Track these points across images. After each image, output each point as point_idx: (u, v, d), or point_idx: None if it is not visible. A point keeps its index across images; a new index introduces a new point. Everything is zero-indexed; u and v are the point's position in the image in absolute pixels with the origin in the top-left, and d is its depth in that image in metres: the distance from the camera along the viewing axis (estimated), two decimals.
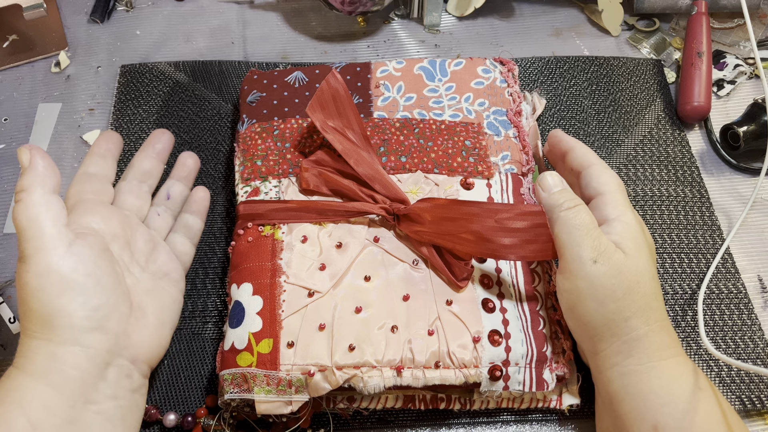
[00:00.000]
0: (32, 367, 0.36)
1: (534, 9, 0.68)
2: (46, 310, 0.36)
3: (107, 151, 0.46)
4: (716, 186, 0.56)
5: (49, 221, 0.38)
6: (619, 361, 0.38)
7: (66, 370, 0.36)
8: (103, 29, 0.64)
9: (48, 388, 0.35)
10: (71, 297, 0.37)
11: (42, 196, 0.38)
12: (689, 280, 0.51)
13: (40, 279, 0.36)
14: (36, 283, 0.36)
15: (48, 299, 0.37)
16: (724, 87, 0.62)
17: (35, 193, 0.38)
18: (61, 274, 0.37)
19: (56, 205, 0.38)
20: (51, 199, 0.38)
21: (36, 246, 0.37)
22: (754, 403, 0.45)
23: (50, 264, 0.37)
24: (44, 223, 0.37)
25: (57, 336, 0.36)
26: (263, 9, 0.67)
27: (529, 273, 0.45)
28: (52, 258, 0.37)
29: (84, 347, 0.37)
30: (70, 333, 0.37)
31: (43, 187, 0.38)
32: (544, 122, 0.59)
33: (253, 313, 0.41)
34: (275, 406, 0.39)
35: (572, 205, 0.40)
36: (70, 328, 0.37)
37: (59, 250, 0.37)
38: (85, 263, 0.38)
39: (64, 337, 0.37)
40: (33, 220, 0.37)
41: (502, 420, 0.44)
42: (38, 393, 0.35)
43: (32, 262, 0.37)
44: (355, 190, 0.45)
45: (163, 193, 0.49)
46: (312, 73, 0.53)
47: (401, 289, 0.42)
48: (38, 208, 0.38)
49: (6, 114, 0.58)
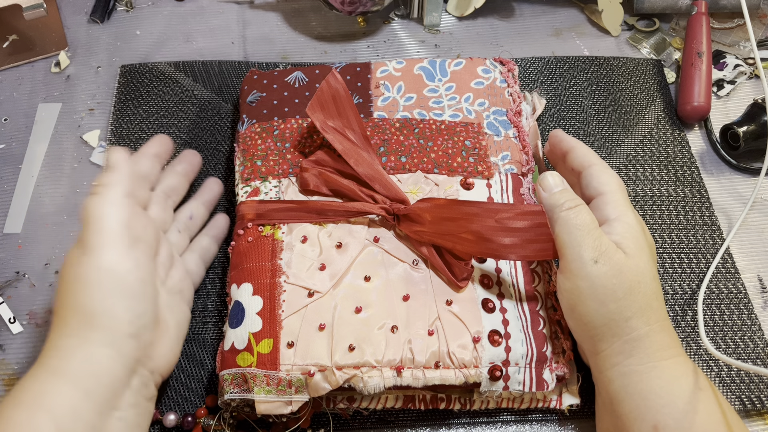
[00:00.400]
0: (65, 368, 0.35)
1: (534, 9, 0.68)
2: (94, 308, 0.36)
3: (158, 155, 0.47)
4: (716, 186, 0.56)
5: (119, 221, 0.39)
6: (620, 361, 0.38)
7: (100, 375, 0.36)
8: (103, 29, 0.64)
9: (79, 393, 0.35)
10: (121, 299, 0.37)
11: (120, 196, 0.39)
12: (689, 280, 0.51)
13: (99, 273, 0.37)
14: (93, 277, 0.37)
15: (100, 296, 0.37)
16: (724, 87, 0.62)
17: (114, 191, 0.39)
18: (119, 274, 0.37)
19: (128, 208, 0.40)
20: (125, 201, 0.40)
21: (101, 241, 0.38)
22: (754, 403, 0.45)
23: (111, 261, 0.37)
24: (114, 221, 0.38)
25: (97, 338, 0.36)
26: (263, 9, 0.67)
27: (529, 273, 0.45)
28: (114, 256, 0.38)
29: (120, 353, 0.37)
30: (111, 336, 0.37)
31: (122, 187, 0.40)
32: (544, 122, 0.59)
33: (253, 313, 0.41)
34: (275, 406, 0.39)
35: (573, 205, 0.40)
36: (112, 331, 0.37)
37: (121, 251, 0.38)
38: (140, 268, 0.39)
39: (105, 340, 0.36)
40: (105, 215, 0.38)
41: (502, 420, 0.44)
42: (68, 398, 0.34)
43: (95, 255, 0.37)
44: (355, 190, 0.45)
45: (186, 212, 0.48)
46: (312, 73, 0.53)
47: (401, 289, 0.42)
48: (113, 207, 0.39)
49: (6, 114, 0.58)
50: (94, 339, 0.36)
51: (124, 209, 0.39)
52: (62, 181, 0.55)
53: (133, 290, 0.38)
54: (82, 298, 0.37)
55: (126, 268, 0.38)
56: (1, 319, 0.48)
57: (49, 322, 0.48)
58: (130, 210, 0.40)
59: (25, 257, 0.51)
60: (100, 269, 0.37)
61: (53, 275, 0.50)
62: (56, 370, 0.35)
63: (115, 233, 0.38)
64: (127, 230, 0.39)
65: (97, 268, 0.37)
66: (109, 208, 0.39)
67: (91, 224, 0.38)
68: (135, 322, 0.38)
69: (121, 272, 0.38)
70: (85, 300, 0.37)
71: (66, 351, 0.36)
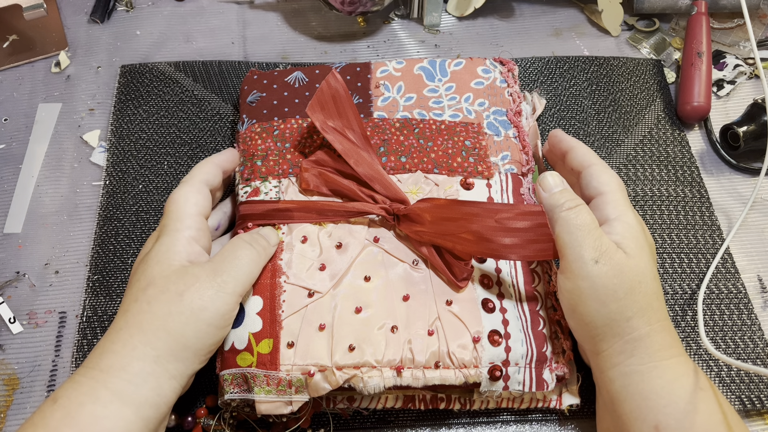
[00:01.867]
0: (135, 396, 0.34)
1: (534, 9, 0.68)
2: (193, 344, 0.36)
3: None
4: (716, 186, 0.56)
5: (252, 281, 0.41)
6: (621, 361, 0.38)
7: (161, 405, 0.35)
8: (103, 29, 0.64)
9: (139, 423, 0.34)
10: (216, 338, 0.38)
11: (262, 265, 0.42)
12: (689, 280, 0.51)
13: (218, 319, 0.37)
14: (215, 320, 0.37)
15: (207, 335, 0.37)
16: (724, 87, 0.62)
17: (263, 259, 0.42)
18: (227, 323, 0.38)
19: (258, 273, 0.42)
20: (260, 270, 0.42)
21: (237, 291, 0.39)
22: (754, 403, 0.45)
23: (231, 312, 0.39)
24: (250, 281, 0.41)
25: (175, 370, 0.36)
26: (263, 9, 0.67)
27: (528, 273, 0.45)
28: (234, 307, 0.39)
29: (182, 385, 0.37)
30: (186, 370, 0.37)
31: (266, 259, 0.42)
32: (544, 122, 0.59)
33: (253, 314, 0.41)
34: (275, 406, 0.39)
35: (573, 205, 0.40)
36: (190, 367, 0.37)
37: (238, 305, 0.39)
38: (235, 310, 0.39)
39: (179, 373, 0.36)
40: (250, 272, 0.40)
41: (502, 420, 0.44)
42: (130, 427, 0.34)
43: (225, 300, 0.38)
44: (355, 191, 0.45)
45: (214, 222, 0.47)
46: (312, 73, 0.53)
47: (401, 289, 0.42)
48: (257, 268, 0.41)
49: (6, 114, 0.58)
50: (170, 370, 0.36)
51: (257, 273, 0.41)
52: (62, 181, 0.55)
53: (223, 338, 0.39)
54: (189, 331, 0.36)
55: (231, 320, 0.39)
56: (1, 319, 0.48)
57: (49, 323, 0.48)
58: (257, 276, 0.42)
59: (25, 257, 0.51)
60: (222, 314, 0.37)
61: (53, 275, 0.50)
62: (123, 395, 0.34)
63: (246, 289, 0.40)
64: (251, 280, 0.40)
65: (220, 312, 0.37)
66: (254, 268, 0.40)
67: (237, 270, 0.39)
68: (205, 361, 0.38)
69: (229, 322, 0.39)
70: (191, 334, 0.36)
71: (139, 377, 0.35)
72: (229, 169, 0.47)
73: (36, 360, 0.46)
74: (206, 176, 0.44)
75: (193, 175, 0.43)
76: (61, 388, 0.35)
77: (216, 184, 0.45)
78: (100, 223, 0.52)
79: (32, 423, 0.33)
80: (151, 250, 0.39)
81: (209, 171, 0.44)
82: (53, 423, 0.33)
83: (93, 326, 0.47)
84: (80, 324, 0.47)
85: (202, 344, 0.37)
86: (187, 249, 0.39)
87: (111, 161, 0.55)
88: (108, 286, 0.49)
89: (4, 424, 0.44)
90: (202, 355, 0.38)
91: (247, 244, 0.41)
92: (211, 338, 0.37)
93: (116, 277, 0.49)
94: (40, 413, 0.33)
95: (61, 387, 0.35)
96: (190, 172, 0.44)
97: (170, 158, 0.55)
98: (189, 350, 0.36)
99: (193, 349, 0.37)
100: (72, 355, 0.46)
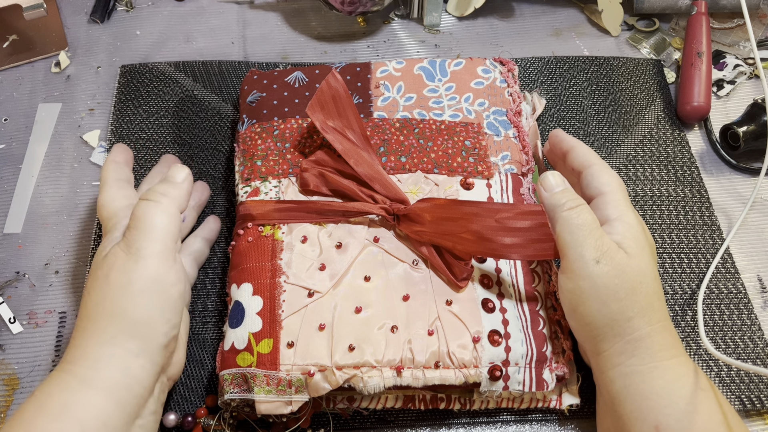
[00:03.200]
0: (99, 379, 0.35)
1: (534, 9, 0.68)
2: (137, 317, 0.37)
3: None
4: (716, 186, 0.56)
5: (171, 234, 0.39)
6: (622, 361, 0.38)
7: (134, 386, 0.36)
8: (103, 29, 0.64)
9: (111, 405, 0.35)
10: (164, 311, 0.38)
11: (176, 210, 0.40)
12: (689, 280, 0.51)
13: (148, 283, 0.37)
14: (141, 286, 0.37)
15: (146, 306, 0.37)
16: (724, 87, 0.62)
17: (173, 204, 0.40)
18: (165, 286, 0.38)
19: (178, 223, 0.41)
20: (178, 216, 0.41)
21: (154, 250, 0.38)
22: (754, 403, 0.45)
23: (161, 273, 0.38)
24: (168, 233, 0.39)
25: (135, 348, 0.36)
26: (263, 9, 0.67)
27: (528, 273, 0.45)
28: (164, 268, 0.38)
29: (153, 363, 0.37)
30: (148, 347, 0.37)
31: (179, 203, 0.41)
32: (544, 122, 0.59)
33: (253, 314, 0.41)
34: (275, 406, 0.39)
35: (574, 205, 0.40)
36: (149, 342, 0.37)
37: (170, 263, 0.39)
38: (181, 281, 0.39)
39: (141, 351, 0.37)
40: (161, 225, 0.39)
41: (502, 420, 0.44)
42: (100, 409, 0.34)
43: (146, 264, 0.37)
44: (355, 190, 0.45)
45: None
46: (312, 73, 0.53)
47: (401, 289, 0.42)
48: (171, 219, 0.40)
49: (6, 114, 0.58)
50: (131, 349, 0.36)
51: (176, 223, 0.40)
52: (62, 181, 0.55)
53: (173, 303, 0.39)
54: (128, 306, 0.37)
55: (170, 281, 0.38)
56: (1, 319, 0.48)
57: (49, 323, 0.48)
58: (178, 225, 0.40)
59: (25, 257, 0.51)
60: (150, 279, 0.37)
61: (53, 275, 0.50)
62: (89, 380, 0.35)
63: (167, 245, 0.39)
64: (174, 243, 0.40)
65: (147, 278, 0.37)
66: (165, 219, 0.39)
67: (146, 231, 0.38)
68: (169, 333, 0.38)
69: (167, 284, 0.38)
70: (131, 308, 0.37)
71: (100, 360, 0.36)
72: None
73: (36, 360, 0.46)
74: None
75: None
76: (38, 386, 0.36)
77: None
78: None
79: (11, 419, 0.35)
80: None
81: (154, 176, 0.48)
82: (27, 415, 0.34)
83: None
84: None
85: (149, 315, 0.37)
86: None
87: None
88: None
89: (3, 424, 0.44)
90: (159, 327, 0.38)
91: (145, 201, 0.40)
92: (155, 306, 0.37)
93: None
94: (18, 409, 0.35)
95: (39, 385, 0.36)
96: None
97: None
98: (139, 324, 0.37)
99: (142, 322, 0.37)
100: None
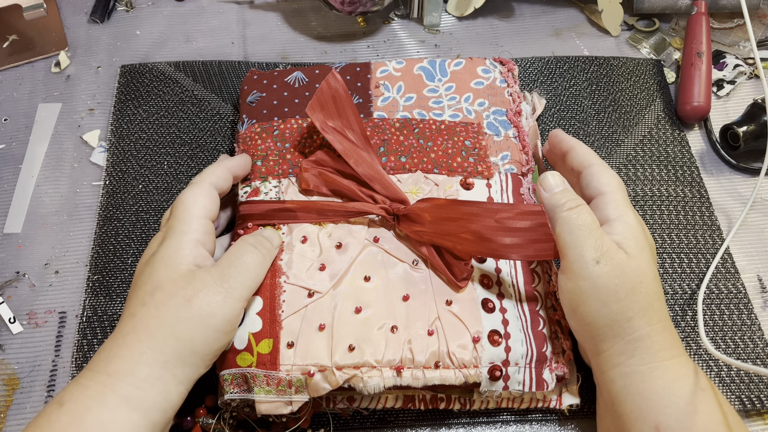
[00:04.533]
0: (143, 402, 0.34)
1: (534, 9, 0.68)
2: (201, 350, 0.36)
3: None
4: (716, 186, 0.56)
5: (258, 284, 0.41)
6: (622, 361, 0.38)
7: (168, 410, 0.36)
8: (103, 29, 0.64)
9: (146, 426, 0.34)
10: (222, 344, 0.38)
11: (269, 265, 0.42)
12: (689, 280, 0.51)
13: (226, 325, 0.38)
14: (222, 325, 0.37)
15: (215, 341, 0.37)
16: (724, 87, 0.62)
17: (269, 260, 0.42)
18: (233, 327, 0.39)
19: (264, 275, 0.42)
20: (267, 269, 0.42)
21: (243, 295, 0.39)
22: (754, 403, 0.45)
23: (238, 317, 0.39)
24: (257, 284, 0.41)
25: (183, 375, 0.36)
26: (263, 9, 0.67)
27: (528, 273, 0.45)
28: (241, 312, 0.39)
29: (188, 389, 0.37)
30: (194, 375, 0.37)
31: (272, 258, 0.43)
32: (544, 122, 0.59)
33: (253, 314, 0.41)
34: (275, 406, 0.39)
35: (574, 205, 0.40)
36: (197, 371, 0.37)
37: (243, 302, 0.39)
38: (240, 316, 0.39)
39: (187, 378, 0.36)
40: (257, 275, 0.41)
41: (502, 420, 0.44)
42: (136, 430, 0.34)
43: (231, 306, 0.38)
44: (354, 190, 0.45)
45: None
46: (312, 73, 0.53)
47: (401, 289, 0.42)
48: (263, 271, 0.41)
49: (6, 114, 0.58)
50: (178, 375, 0.36)
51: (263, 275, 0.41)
52: (62, 181, 0.55)
53: (233, 333, 0.39)
54: (197, 337, 0.36)
55: (237, 314, 0.38)
56: (1, 319, 0.48)
57: (49, 323, 0.48)
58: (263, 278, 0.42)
59: (25, 257, 0.51)
60: (230, 321, 0.38)
61: (53, 275, 0.50)
62: (131, 400, 0.34)
63: (251, 293, 0.40)
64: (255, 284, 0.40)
65: (228, 319, 0.37)
66: (261, 272, 0.41)
67: (243, 274, 0.39)
68: (215, 358, 0.38)
69: (236, 326, 0.39)
70: (199, 340, 0.36)
71: (146, 382, 0.35)
72: (240, 175, 0.46)
73: (36, 360, 0.46)
74: (217, 180, 0.43)
75: (203, 177, 0.43)
76: (66, 392, 0.34)
77: (225, 188, 0.44)
78: (100, 223, 0.52)
79: (38, 425, 0.33)
80: (157, 252, 0.39)
81: (220, 175, 0.44)
82: (59, 426, 0.33)
83: (93, 326, 0.47)
84: (80, 324, 0.47)
85: (209, 349, 0.37)
86: (194, 252, 0.39)
87: (111, 161, 0.55)
88: (108, 286, 0.49)
89: (4, 424, 0.44)
90: (208, 360, 0.38)
91: (253, 247, 0.41)
92: (217, 343, 0.37)
93: (116, 277, 0.49)
94: (46, 416, 0.33)
95: (66, 390, 0.34)
96: (200, 174, 0.43)
97: (170, 158, 0.55)
98: (197, 356, 0.36)
99: (201, 354, 0.37)
100: (72, 356, 0.46)
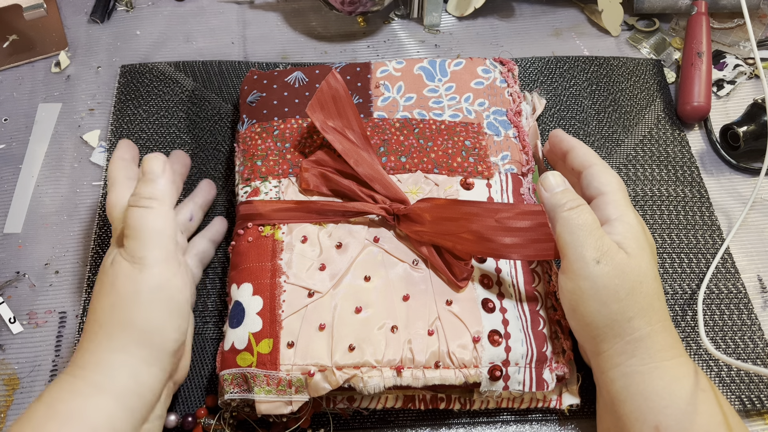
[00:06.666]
0: (110, 385, 0.35)
1: (534, 9, 0.68)
2: (147, 326, 0.37)
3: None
4: (716, 186, 0.56)
5: (171, 238, 0.39)
6: (622, 361, 0.38)
7: (144, 393, 0.36)
8: (103, 29, 0.64)
9: (121, 411, 0.35)
10: (172, 318, 0.38)
11: (169, 210, 0.39)
12: (689, 280, 0.51)
13: (155, 293, 0.37)
14: (149, 296, 0.37)
15: (155, 315, 0.37)
16: (724, 87, 0.62)
17: (165, 206, 0.39)
18: (171, 293, 0.38)
19: (174, 223, 0.39)
20: (173, 216, 0.39)
21: (156, 258, 0.37)
22: (754, 403, 0.45)
23: (166, 280, 0.37)
24: (168, 239, 0.38)
25: (145, 355, 0.36)
26: (263, 9, 0.67)
27: (529, 273, 0.45)
28: (168, 275, 0.38)
29: (162, 370, 0.37)
30: (159, 354, 0.37)
31: (170, 201, 0.40)
32: (544, 122, 0.59)
33: (253, 314, 0.41)
34: (275, 406, 0.39)
35: (575, 205, 0.40)
36: (161, 350, 0.37)
37: (174, 269, 0.38)
38: (185, 287, 0.39)
39: (152, 358, 0.37)
40: (160, 232, 0.38)
41: (502, 420, 0.44)
42: (112, 415, 0.34)
43: (151, 273, 0.37)
44: (355, 190, 0.45)
45: (186, 214, 0.48)
46: (312, 73, 0.53)
47: (401, 289, 0.42)
48: (166, 221, 0.39)
49: (6, 114, 0.58)
50: (142, 356, 0.36)
51: (172, 225, 0.39)
52: (62, 181, 0.55)
53: (181, 309, 0.39)
54: (136, 316, 0.37)
55: (177, 287, 0.38)
56: (1, 319, 0.48)
57: (49, 323, 0.48)
58: (174, 224, 0.40)
59: (25, 257, 0.51)
60: (157, 288, 0.37)
61: (53, 275, 0.50)
62: (101, 386, 0.35)
63: (168, 250, 0.38)
64: (176, 248, 0.39)
65: (153, 287, 0.37)
66: (160, 223, 0.38)
67: (145, 240, 0.38)
68: (178, 339, 0.38)
69: (173, 291, 0.38)
70: (140, 317, 0.37)
71: (113, 368, 0.36)
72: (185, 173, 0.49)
73: (36, 360, 0.46)
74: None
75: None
76: (46, 389, 0.36)
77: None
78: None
79: (19, 422, 0.34)
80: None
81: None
82: (36, 419, 0.34)
83: None
84: (80, 324, 0.47)
85: (159, 324, 0.37)
86: None
87: None
88: None
89: (4, 424, 0.44)
90: (169, 335, 0.38)
91: (136, 208, 0.39)
92: (164, 314, 0.37)
93: None
94: (27, 412, 0.35)
95: (47, 388, 0.36)
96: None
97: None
98: (149, 333, 0.37)
99: (152, 331, 0.37)
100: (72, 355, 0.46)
